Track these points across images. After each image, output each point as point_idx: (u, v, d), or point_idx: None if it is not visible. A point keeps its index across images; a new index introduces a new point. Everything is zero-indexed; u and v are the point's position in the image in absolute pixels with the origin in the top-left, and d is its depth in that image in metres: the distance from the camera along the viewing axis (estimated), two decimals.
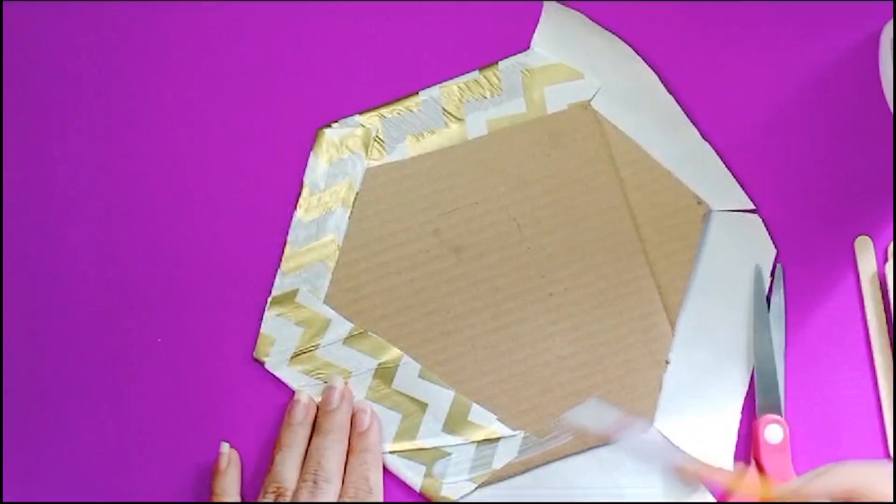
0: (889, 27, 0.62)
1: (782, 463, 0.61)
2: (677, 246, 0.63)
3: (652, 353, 0.63)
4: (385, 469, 0.62)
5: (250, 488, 0.62)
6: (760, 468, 0.61)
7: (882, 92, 0.63)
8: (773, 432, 0.61)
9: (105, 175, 0.64)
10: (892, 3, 0.63)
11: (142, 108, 0.64)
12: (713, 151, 0.63)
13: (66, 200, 0.64)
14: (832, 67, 0.64)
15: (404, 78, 0.64)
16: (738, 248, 0.63)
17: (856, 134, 0.63)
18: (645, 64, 0.63)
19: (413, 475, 0.62)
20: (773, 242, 0.63)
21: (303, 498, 0.60)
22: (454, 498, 0.62)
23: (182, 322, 0.63)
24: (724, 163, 0.63)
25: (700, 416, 0.62)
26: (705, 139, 0.63)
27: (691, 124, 0.63)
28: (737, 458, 0.62)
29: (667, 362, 0.62)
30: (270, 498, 0.60)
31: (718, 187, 0.63)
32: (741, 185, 0.63)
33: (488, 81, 0.64)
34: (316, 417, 0.62)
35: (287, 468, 0.61)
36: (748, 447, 0.62)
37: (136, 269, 0.64)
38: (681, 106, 0.63)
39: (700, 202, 0.63)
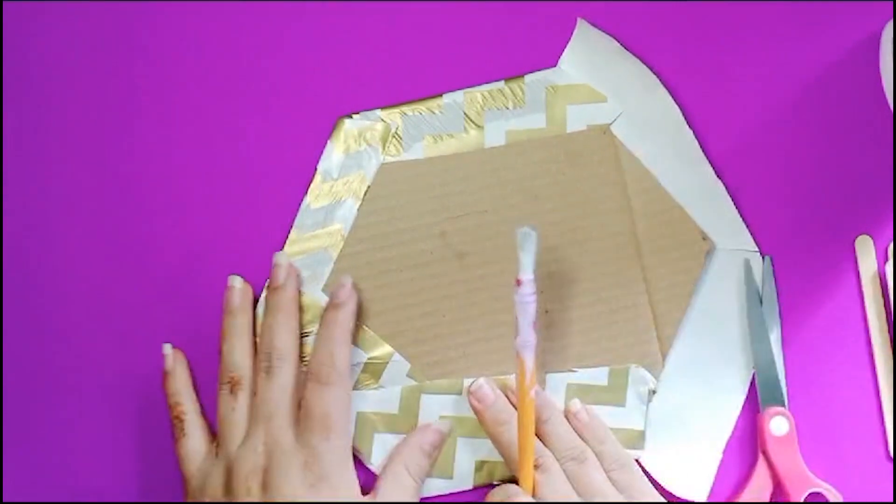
0: (889, 27, 0.62)
1: (790, 455, 0.61)
2: (678, 279, 0.63)
3: None
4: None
5: None
6: (769, 461, 0.61)
7: (882, 92, 0.63)
8: (778, 424, 0.61)
9: (125, 144, 0.65)
10: (892, 3, 0.63)
11: (172, 83, 0.65)
12: (725, 191, 0.63)
13: (76, 176, 0.64)
14: (832, 67, 0.64)
15: (430, 78, 0.64)
16: (737, 286, 0.63)
17: (856, 134, 0.63)
18: (670, 97, 0.63)
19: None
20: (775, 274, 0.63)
21: (261, 381, 0.59)
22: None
23: (177, 300, 0.64)
24: (725, 162, 0.63)
25: (680, 449, 0.62)
26: (719, 177, 0.63)
27: (707, 161, 0.63)
28: (744, 452, 0.62)
29: (652, 392, 0.62)
30: (226, 390, 0.60)
31: (726, 227, 0.63)
32: (740, 187, 0.63)
33: (512, 93, 0.64)
34: (267, 298, 0.62)
35: (236, 355, 0.60)
36: (754, 441, 0.62)
37: (136, 249, 0.64)
38: (697, 140, 0.63)
39: (706, 238, 0.63)
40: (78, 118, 0.65)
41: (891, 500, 0.61)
